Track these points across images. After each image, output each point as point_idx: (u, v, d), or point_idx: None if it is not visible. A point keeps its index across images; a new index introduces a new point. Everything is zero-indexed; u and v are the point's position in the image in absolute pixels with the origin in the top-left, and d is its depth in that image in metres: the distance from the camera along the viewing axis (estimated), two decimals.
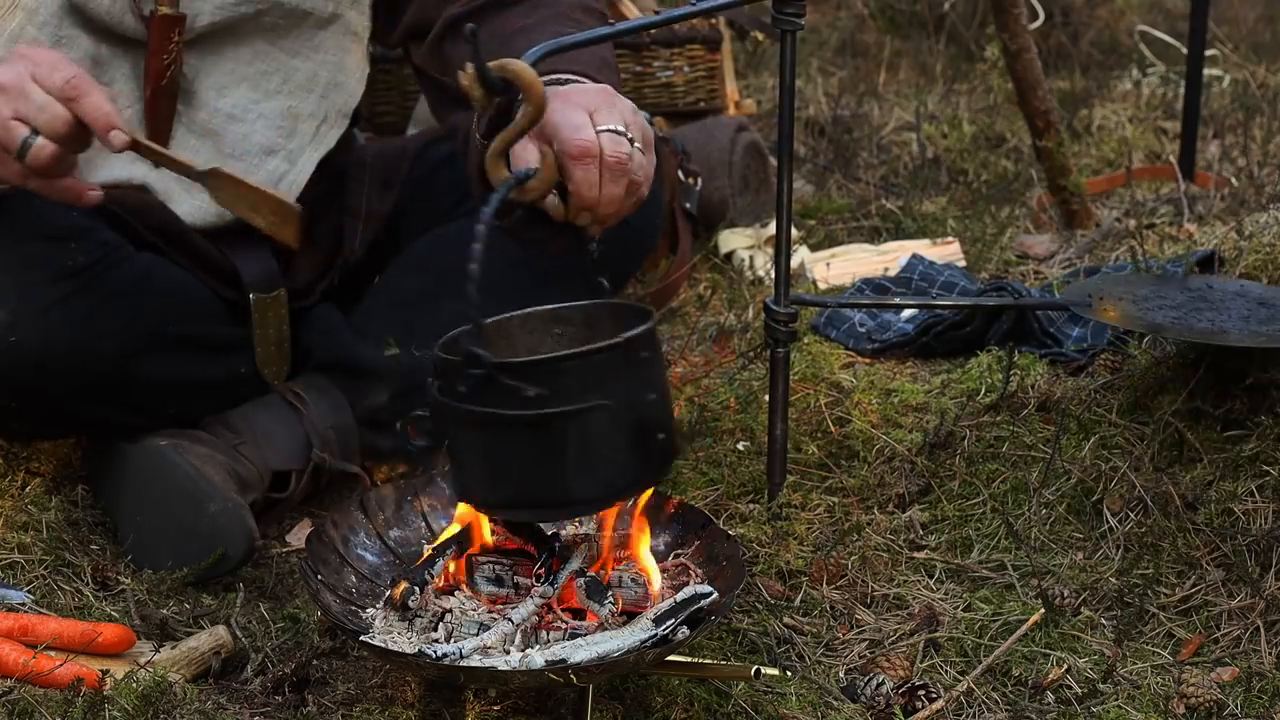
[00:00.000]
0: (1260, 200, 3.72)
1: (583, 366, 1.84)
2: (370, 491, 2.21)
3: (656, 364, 1.92)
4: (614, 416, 1.85)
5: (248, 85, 2.42)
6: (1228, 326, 2.46)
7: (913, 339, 2.94)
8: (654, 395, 1.89)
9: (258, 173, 2.42)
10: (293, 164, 2.45)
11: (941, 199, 3.86)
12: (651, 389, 1.89)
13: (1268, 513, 2.31)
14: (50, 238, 2.26)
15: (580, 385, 1.84)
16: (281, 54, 2.44)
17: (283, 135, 2.45)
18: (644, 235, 2.65)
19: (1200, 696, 2.04)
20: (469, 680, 1.89)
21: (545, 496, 1.89)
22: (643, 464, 1.91)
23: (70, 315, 2.23)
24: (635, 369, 1.88)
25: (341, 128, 2.50)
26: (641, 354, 1.88)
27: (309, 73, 2.46)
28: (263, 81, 2.43)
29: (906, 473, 2.54)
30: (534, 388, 1.82)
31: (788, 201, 2.38)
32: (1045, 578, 2.30)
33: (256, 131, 2.43)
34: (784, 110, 2.34)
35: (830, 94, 4.63)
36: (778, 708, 2.02)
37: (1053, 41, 5.04)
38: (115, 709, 1.92)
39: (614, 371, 1.86)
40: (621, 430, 1.87)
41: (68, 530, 2.33)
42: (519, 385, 1.81)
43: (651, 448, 1.91)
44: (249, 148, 2.42)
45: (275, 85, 2.44)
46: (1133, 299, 2.60)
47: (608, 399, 1.85)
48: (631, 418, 1.87)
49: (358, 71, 2.50)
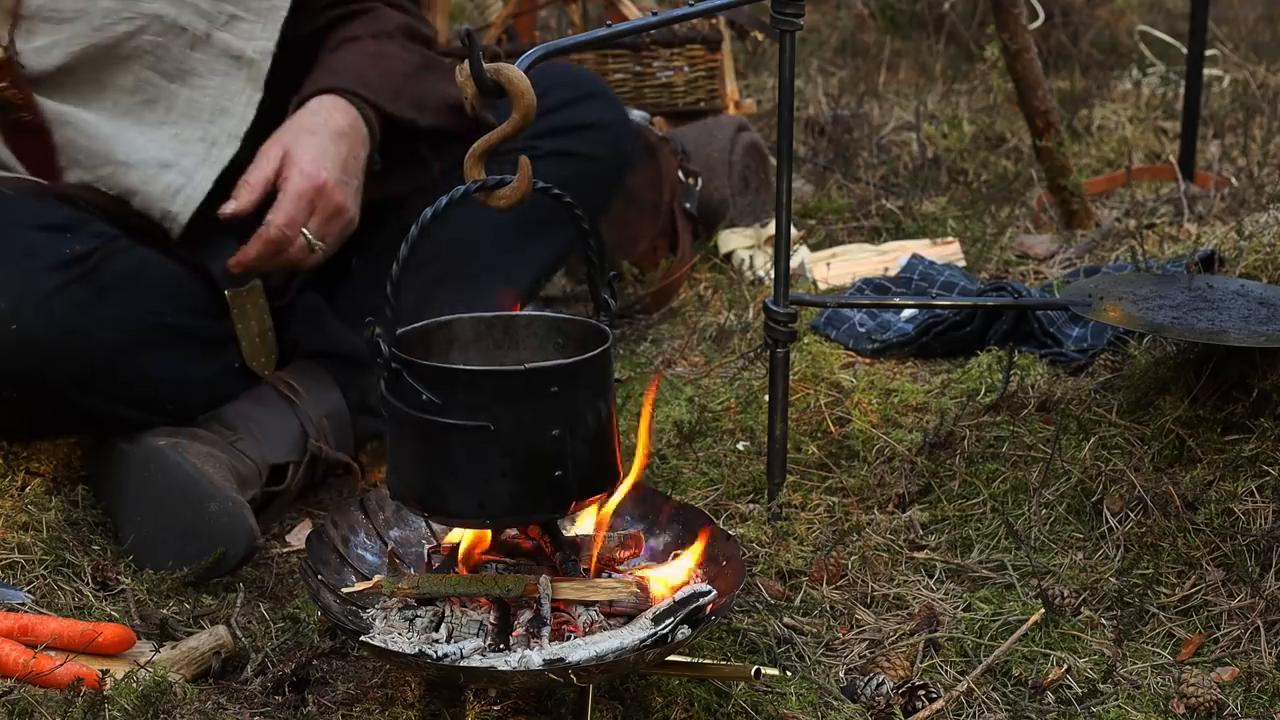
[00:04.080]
0: (1260, 200, 3.72)
1: (479, 384, 1.86)
2: (370, 491, 2.21)
3: (574, 400, 1.89)
4: (496, 441, 1.85)
5: (130, 120, 2.43)
6: (1228, 326, 2.46)
7: (913, 339, 2.94)
8: (557, 431, 1.87)
9: (155, 184, 2.42)
10: (189, 179, 2.44)
11: (941, 199, 3.86)
12: (557, 424, 1.87)
13: (1268, 513, 2.31)
14: (48, 227, 2.27)
15: (473, 402, 1.85)
16: (162, 79, 2.43)
17: (173, 154, 2.44)
18: (607, 164, 2.69)
19: (1200, 696, 2.04)
20: (469, 680, 1.89)
21: (425, 499, 1.92)
22: (526, 496, 1.89)
23: (71, 303, 2.23)
24: (539, 401, 1.86)
25: (234, 148, 2.48)
26: (550, 388, 1.86)
27: (188, 98, 2.46)
28: (146, 113, 2.43)
29: (906, 473, 2.54)
30: (428, 393, 1.84)
31: (787, 201, 2.38)
32: (1045, 578, 2.30)
33: (148, 148, 2.43)
34: (784, 110, 2.34)
35: (830, 94, 4.63)
36: (778, 708, 2.02)
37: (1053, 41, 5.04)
38: (115, 709, 1.92)
39: (512, 398, 1.85)
40: (503, 457, 1.86)
41: (68, 530, 2.33)
42: (416, 387, 1.84)
43: (542, 483, 1.89)
44: (144, 158, 2.42)
45: (159, 116, 2.44)
46: (1133, 299, 2.60)
47: (493, 423, 1.85)
48: (518, 448, 1.86)
49: (242, 96, 2.48)
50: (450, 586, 1.94)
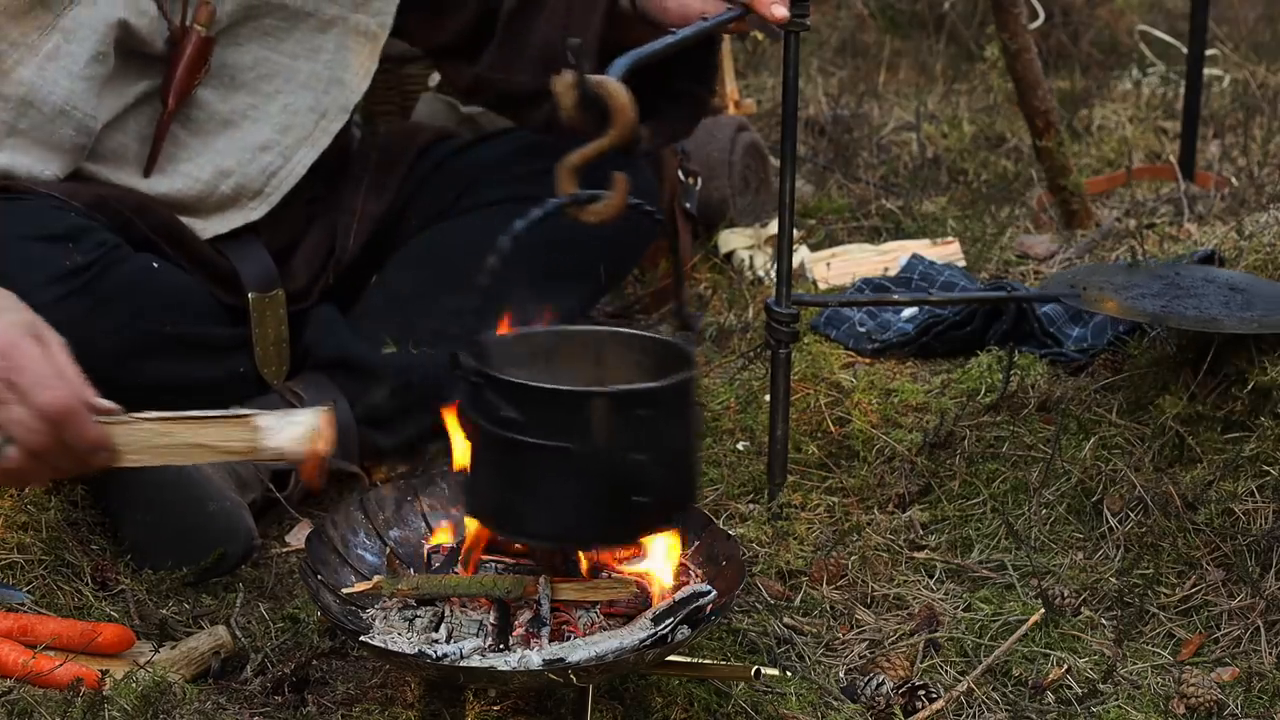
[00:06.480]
0: (1260, 200, 3.72)
1: (562, 404, 1.80)
2: (370, 491, 2.20)
3: (658, 425, 1.82)
4: (576, 464, 1.79)
5: (246, 91, 2.46)
6: (1216, 314, 2.46)
7: (913, 339, 2.94)
8: (640, 456, 1.80)
9: (250, 168, 2.45)
10: (286, 160, 2.48)
11: (941, 199, 3.86)
12: (640, 449, 1.80)
13: (1268, 513, 2.31)
14: (49, 238, 2.26)
15: (553, 421, 1.79)
16: (282, 57, 2.46)
17: (278, 131, 2.46)
18: (633, 227, 2.69)
19: (1200, 696, 2.04)
20: (469, 680, 1.89)
21: (502, 518, 1.88)
22: (608, 521, 1.85)
23: (68, 315, 2.22)
24: (622, 424, 1.79)
25: (340, 122, 2.52)
26: (636, 411, 1.80)
27: (309, 71, 2.49)
28: (262, 85, 2.46)
29: (906, 473, 2.54)
30: (509, 409, 1.79)
31: (790, 202, 2.38)
32: (1045, 578, 2.30)
33: (253, 133, 2.45)
34: (788, 110, 2.34)
35: (830, 94, 4.62)
36: (778, 708, 2.02)
37: (1053, 41, 5.04)
38: (115, 709, 1.92)
39: (595, 419, 1.79)
40: (584, 480, 1.81)
41: (67, 530, 2.33)
42: (498, 403, 1.79)
43: (624, 508, 1.83)
44: (244, 146, 2.44)
45: (275, 87, 2.47)
46: (1114, 288, 2.59)
47: (574, 444, 1.79)
48: (600, 471, 1.80)
49: (361, 70, 2.52)
50: (450, 587, 1.94)
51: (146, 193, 2.43)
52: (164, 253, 2.41)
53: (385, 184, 2.69)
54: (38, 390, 1.79)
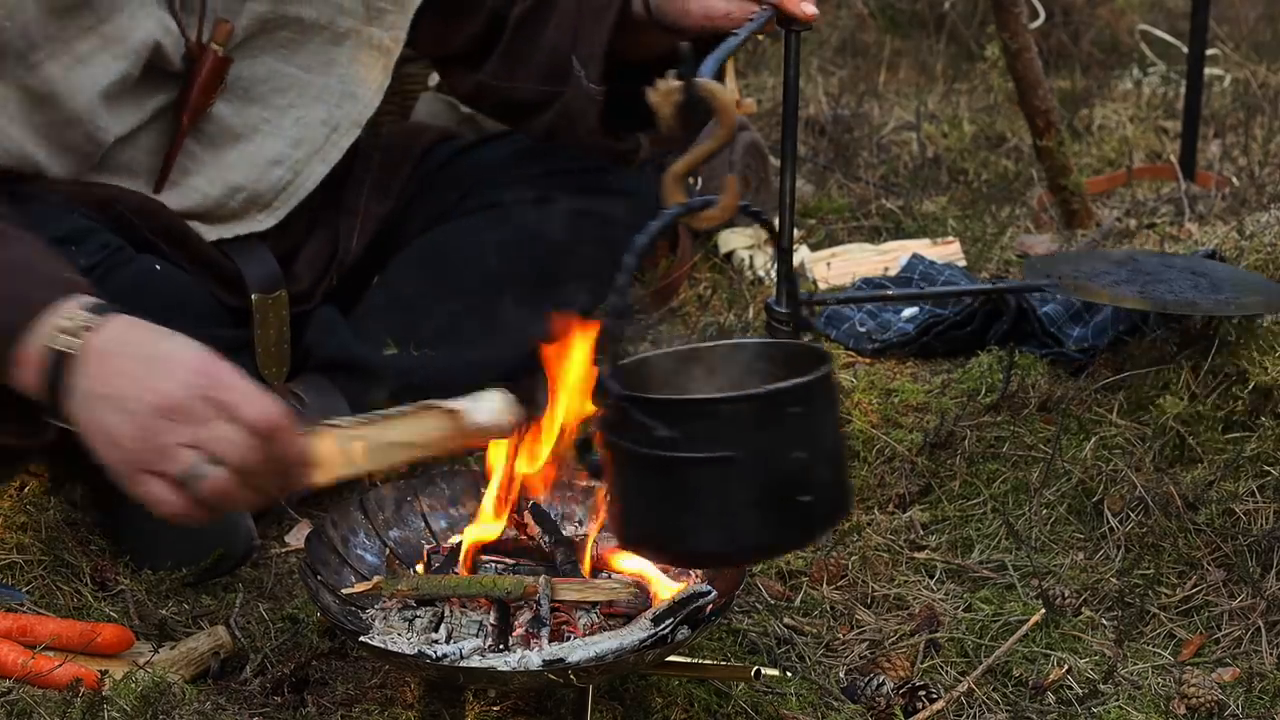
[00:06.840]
0: (1261, 200, 3.72)
1: (718, 413, 1.74)
2: (370, 491, 2.20)
3: (812, 420, 1.77)
4: (741, 471, 1.73)
5: (259, 104, 2.46)
6: (1192, 298, 2.47)
7: (913, 339, 2.94)
8: (800, 454, 1.75)
9: (260, 183, 2.46)
10: (297, 174, 2.48)
11: (941, 199, 3.85)
12: (799, 447, 1.75)
13: (1268, 513, 2.31)
14: (51, 241, 2.26)
15: (709, 433, 1.72)
16: (295, 70, 2.47)
17: (290, 145, 2.47)
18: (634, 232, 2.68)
19: (1201, 697, 2.03)
20: (468, 681, 1.88)
21: (664, 540, 1.80)
22: (775, 525, 1.77)
23: None
24: (778, 424, 1.73)
25: (351, 137, 2.52)
26: (790, 409, 1.74)
27: (322, 85, 2.49)
28: (275, 98, 2.46)
29: (906, 473, 2.54)
30: (663, 428, 1.72)
31: (791, 201, 2.37)
32: (1046, 578, 2.30)
33: (264, 146, 2.45)
34: (788, 110, 2.34)
35: (830, 94, 4.62)
36: (778, 708, 2.02)
37: (1053, 41, 5.03)
38: (114, 709, 1.92)
39: (753, 423, 1.72)
40: (750, 487, 1.74)
41: (66, 530, 2.33)
42: (648, 423, 1.72)
43: (790, 510, 1.76)
44: (256, 160, 2.44)
45: (288, 100, 2.47)
46: (1088, 275, 2.60)
47: (736, 451, 1.72)
48: (765, 475, 1.74)
49: (374, 84, 2.52)
50: (449, 587, 1.94)
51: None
52: (166, 255, 2.41)
53: (388, 185, 2.69)
54: (246, 405, 1.75)
